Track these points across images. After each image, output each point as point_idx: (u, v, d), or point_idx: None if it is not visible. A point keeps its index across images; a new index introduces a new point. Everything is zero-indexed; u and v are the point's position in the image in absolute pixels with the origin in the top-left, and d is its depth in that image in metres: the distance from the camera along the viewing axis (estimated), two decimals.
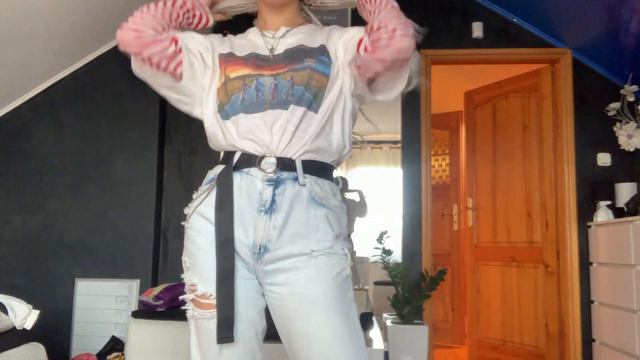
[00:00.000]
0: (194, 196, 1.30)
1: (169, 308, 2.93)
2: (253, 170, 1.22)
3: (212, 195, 1.25)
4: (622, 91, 3.45)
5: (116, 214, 3.53)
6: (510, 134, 3.92)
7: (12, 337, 2.26)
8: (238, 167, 1.24)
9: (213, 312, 1.20)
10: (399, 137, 3.65)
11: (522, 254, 3.81)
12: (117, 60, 3.66)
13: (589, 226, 3.46)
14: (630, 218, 2.93)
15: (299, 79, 1.24)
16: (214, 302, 1.20)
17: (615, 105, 3.45)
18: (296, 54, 1.29)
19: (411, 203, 3.59)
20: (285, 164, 1.22)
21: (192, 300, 1.23)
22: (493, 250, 4.00)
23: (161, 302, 2.91)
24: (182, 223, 1.31)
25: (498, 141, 4.00)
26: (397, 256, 3.54)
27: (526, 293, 3.76)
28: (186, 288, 1.27)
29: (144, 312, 2.93)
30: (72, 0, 3.06)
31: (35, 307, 2.45)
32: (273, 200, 1.21)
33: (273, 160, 1.22)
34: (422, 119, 3.63)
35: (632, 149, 3.38)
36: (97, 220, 3.53)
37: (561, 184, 3.56)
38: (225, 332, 1.18)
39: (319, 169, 1.26)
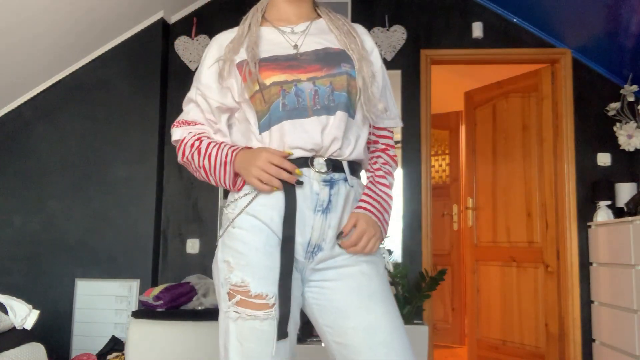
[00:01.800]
0: (236, 196, 1.29)
1: (169, 308, 2.93)
2: (306, 171, 1.24)
3: (263, 195, 1.24)
4: (622, 91, 3.45)
5: (116, 214, 3.53)
6: (510, 134, 3.92)
7: (12, 337, 2.26)
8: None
9: (268, 313, 1.18)
10: (399, 137, 3.65)
11: (522, 254, 3.81)
12: (117, 60, 3.66)
13: (589, 226, 3.46)
14: (630, 218, 2.93)
15: (339, 84, 1.26)
16: (270, 302, 1.18)
17: (615, 105, 3.45)
18: (330, 58, 1.30)
19: (411, 203, 3.59)
20: (335, 165, 1.25)
21: (240, 301, 1.19)
22: (493, 250, 4.00)
23: (161, 302, 2.92)
24: (232, 228, 1.26)
25: (498, 141, 4.00)
26: (397, 256, 3.54)
27: (526, 293, 3.76)
28: (226, 289, 1.22)
29: (144, 312, 2.93)
30: (72, 1, 3.06)
31: (35, 307, 2.45)
32: (329, 200, 1.24)
33: (322, 161, 1.25)
34: (422, 119, 3.63)
35: (632, 149, 3.38)
36: (97, 220, 3.53)
37: (561, 184, 3.56)
38: (283, 328, 1.18)
39: (359, 170, 1.34)
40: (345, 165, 1.27)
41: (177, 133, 1.39)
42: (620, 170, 3.49)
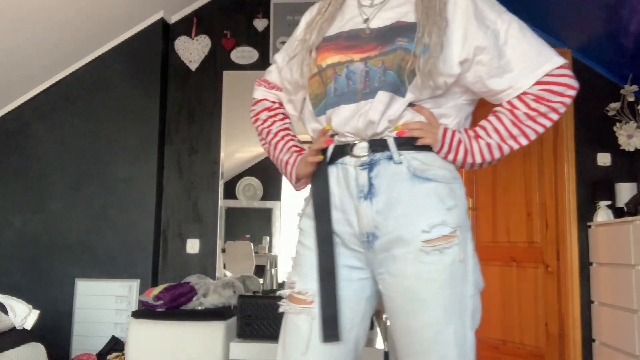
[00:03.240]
0: (305, 199, 1.31)
1: (169, 308, 2.93)
2: (346, 159, 1.19)
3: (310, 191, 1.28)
4: (622, 91, 3.44)
5: (116, 214, 3.53)
6: None
7: (12, 337, 2.26)
8: (333, 160, 1.22)
9: (303, 307, 1.19)
10: None
11: (522, 254, 3.81)
12: (117, 60, 3.66)
13: (589, 226, 3.46)
14: (630, 218, 2.93)
15: (390, 62, 1.14)
16: (308, 298, 1.19)
17: (615, 105, 3.45)
18: (390, 34, 1.17)
19: None
20: (377, 145, 1.16)
21: (289, 296, 1.23)
22: (493, 250, 4.00)
23: (161, 302, 2.92)
24: (298, 230, 1.32)
25: None
26: None
27: (526, 293, 3.76)
28: (286, 286, 1.26)
29: (144, 312, 2.93)
30: (73, 1, 3.06)
31: (35, 307, 2.45)
32: (370, 184, 1.15)
33: (364, 144, 1.18)
34: None
35: (632, 149, 3.38)
36: (97, 220, 3.53)
37: (561, 184, 3.56)
38: (330, 330, 1.15)
39: (413, 142, 1.17)
40: (390, 141, 1.16)
41: (257, 92, 1.45)
42: (620, 170, 3.49)
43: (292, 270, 1.26)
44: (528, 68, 1.17)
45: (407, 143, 1.16)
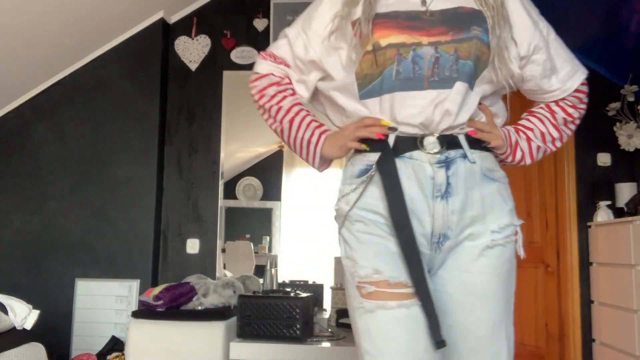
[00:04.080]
0: (344, 192, 1.17)
1: (169, 308, 2.93)
2: (417, 154, 1.10)
3: (372, 188, 1.12)
4: (622, 91, 3.44)
5: (116, 214, 3.53)
6: None
7: (12, 337, 2.26)
8: (396, 152, 1.10)
9: (403, 303, 1.05)
10: None
11: None
12: (117, 60, 3.66)
13: (589, 226, 3.46)
14: (630, 218, 2.93)
15: (465, 51, 1.08)
16: (408, 290, 1.05)
17: (615, 105, 3.45)
18: (460, 19, 1.10)
19: None
20: (449, 142, 1.10)
21: (374, 292, 1.06)
22: None
23: (161, 302, 2.92)
24: (349, 224, 1.16)
25: None
26: None
27: (526, 293, 3.76)
28: (353, 283, 1.10)
29: (144, 312, 2.93)
30: (73, 1, 3.06)
31: (35, 307, 2.45)
32: (448, 183, 1.09)
33: (434, 139, 1.09)
34: None
35: (632, 149, 3.38)
36: (97, 220, 3.53)
37: (561, 184, 3.56)
38: (437, 335, 1.04)
39: (481, 141, 1.14)
40: (462, 139, 1.11)
41: (261, 65, 1.28)
42: (620, 170, 3.49)
43: (365, 261, 1.09)
44: (571, 72, 1.24)
45: (476, 142, 1.13)
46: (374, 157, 1.13)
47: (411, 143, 1.10)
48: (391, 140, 1.11)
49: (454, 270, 1.12)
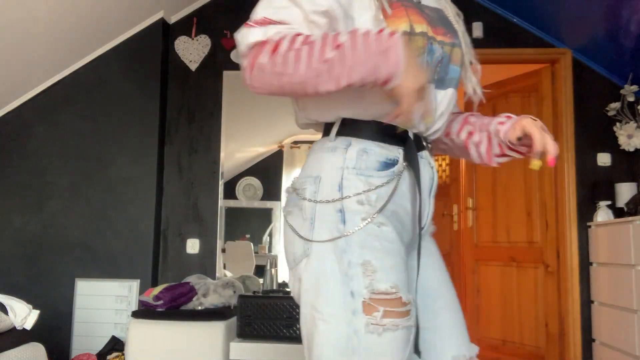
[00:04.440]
0: (372, 183, 1.02)
1: (169, 308, 2.93)
2: (424, 153, 1.10)
3: (403, 183, 1.05)
4: (622, 91, 3.45)
5: (116, 214, 3.53)
6: None
7: (12, 337, 2.26)
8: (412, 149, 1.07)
9: (404, 320, 0.98)
10: None
11: (522, 254, 3.81)
12: (117, 60, 3.66)
13: (589, 226, 3.46)
14: (630, 218, 2.93)
15: (456, 56, 1.09)
16: (409, 308, 0.98)
17: (615, 105, 3.45)
18: (448, 23, 1.10)
19: None
20: (423, 141, 1.11)
21: (386, 312, 0.96)
22: (493, 250, 4.00)
23: (161, 302, 2.92)
24: (375, 226, 1.01)
25: None
26: None
27: (526, 293, 3.76)
28: (361, 298, 0.96)
29: (144, 312, 2.93)
30: (73, 1, 3.06)
31: (35, 307, 2.45)
32: (434, 183, 1.14)
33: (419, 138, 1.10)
34: None
35: (632, 149, 3.38)
36: (97, 220, 3.53)
37: (561, 184, 3.56)
38: (417, 343, 1.04)
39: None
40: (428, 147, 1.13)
41: (255, 33, 0.95)
42: (620, 170, 3.49)
43: (384, 273, 0.97)
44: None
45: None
46: (394, 150, 1.05)
47: (420, 141, 1.09)
48: (411, 135, 1.07)
49: (429, 256, 1.17)
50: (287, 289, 2.77)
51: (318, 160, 1.06)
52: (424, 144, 1.10)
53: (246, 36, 0.96)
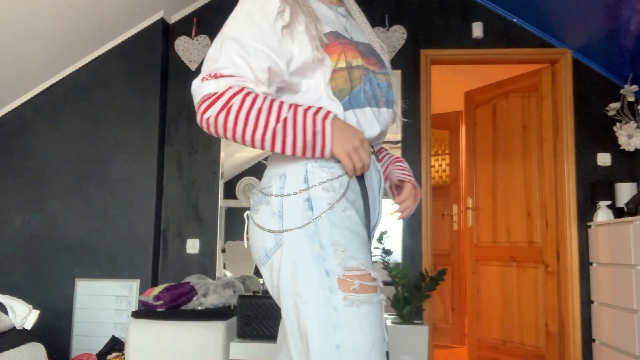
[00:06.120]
0: (325, 176, 1.13)
1: (169, 308, 2.93)
2: (373, 157, 1.27)
3: (354, 181, 1.18)
4: (622, 91, 3.45)
5: (116, 214, 3.53)
6: (510, 134, 3.92)
7: (12, 337, 2.26)
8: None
9: (376, 295, 1.09)
10: (399, 137, 3.65)
11: (522, 254, 3.81)
12: (117, 60, 3.66)
13: (589, 226, 3.46)
14: (630, 218, 2.93)
15: (389, 83, 1.29)
16: (376, 284, 1.10)
17: (615, 105, 3.45)
18: (375, 53, 1.31)
19: None
20: (375, 153, 1.30)
21: (361, 286, 1.07)
22: (493, 250, 4.00)
23: (161, 302, 2.92)
24: (340, 210, 1.12)
25: (498, 141, 4.00)
26: (397, 256, 3.54)
27: (526, 293, 3.76)
28: (340, 271, 1.06)
29: (144, 312, 2.93)
30: (72, 1, 3.06)
31: (35, 307, 2.45)
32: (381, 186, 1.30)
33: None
34: (422, 118, 3.63)
35: (632, 149, 3.38)
36: (97, 220, 3.53)
37: (561, 184, 3.56)
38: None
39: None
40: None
41: (210, 85, 1.11)
42: (620, 170, 3.49)
43: (354, 252, 1.09)
44: None
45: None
46: None
47: (373, 151, 1.29)
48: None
49: None
50: None
51: (281, 161, 1.18)
52: (374, 153, 1.28)
53: (200, 88, 1.13)
